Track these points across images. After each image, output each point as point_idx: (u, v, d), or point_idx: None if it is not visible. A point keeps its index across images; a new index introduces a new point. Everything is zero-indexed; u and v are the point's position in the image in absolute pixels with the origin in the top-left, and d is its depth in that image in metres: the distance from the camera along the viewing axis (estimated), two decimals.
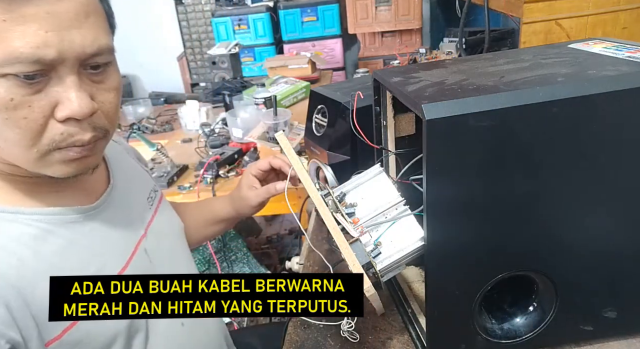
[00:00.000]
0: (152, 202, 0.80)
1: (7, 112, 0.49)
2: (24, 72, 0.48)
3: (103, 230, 0.66)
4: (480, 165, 0.51)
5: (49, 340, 0.56)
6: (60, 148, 0.54)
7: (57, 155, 0.54)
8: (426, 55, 2.27)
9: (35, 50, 0.48)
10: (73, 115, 0.52)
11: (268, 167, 0.90)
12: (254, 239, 2.38)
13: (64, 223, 0.61)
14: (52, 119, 0.52)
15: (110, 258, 0.65)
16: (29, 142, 0.52)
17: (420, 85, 0.57)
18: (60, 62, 0.50)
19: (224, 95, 2.18)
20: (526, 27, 1.44)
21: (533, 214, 0.54)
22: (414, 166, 0.62)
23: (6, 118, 0.50)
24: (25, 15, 0.47)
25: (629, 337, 0.64)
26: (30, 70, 0.48)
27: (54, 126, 0.52)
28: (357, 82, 1.12)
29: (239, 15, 3.27)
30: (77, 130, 0.53)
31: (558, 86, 0.51)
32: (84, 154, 0.56)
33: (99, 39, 0.53)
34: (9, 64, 0.47)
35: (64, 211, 0.61)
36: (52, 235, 0.59)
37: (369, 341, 0.69)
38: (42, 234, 0.58)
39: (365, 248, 0.57)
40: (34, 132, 0.51)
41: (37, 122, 0.51)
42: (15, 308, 0.53)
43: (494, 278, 0.57)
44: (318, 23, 3.31)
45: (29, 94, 0.50)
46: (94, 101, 0.54)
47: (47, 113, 0.51)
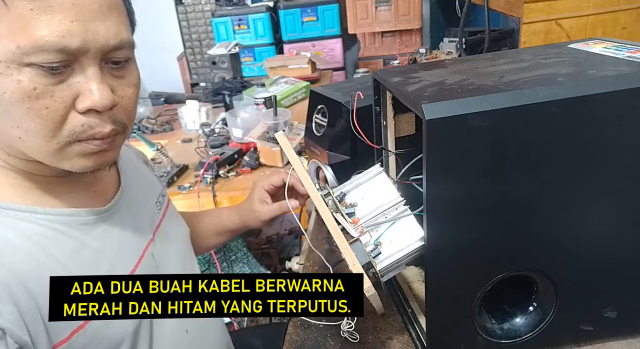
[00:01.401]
0: (160, 207, 0.80)
1: (29, 102, 0.50)
2: (49, 61, 0.49)
3: (114, 233, 0.66)
4: (480, 165, 0.51)
5: (57, 343, 0.56)
6: (81, 140, 0.54)
7: (76, 147, 0.54)
8: (426, 55, 2.27)
9: (61, 39, 0.48)
10: (94, 106, 0.52)
11: (281, 183, 0.89)
12: (254, 239, 2.38)
13: (77, 225, 0.61)
14: (73, 111, 0.52)
15: (120, 261, 0.65)
16: (50, 133, 0.52)
17: (420, 86, 0.57)
18: (84, 52, 0.51)
19: (224, 95, 2.18)
20: (526, 27, 1.44)
21: (533, 214, 0.54)
22: (414, 166, 0.62)
23: (28, 107, 0.50)
24: (52, 5, 0.48)
25: (629, 337, 0.64)
26: (55, 60, 0.49)
27: (74, 118, 0.53)
28: (357, 82, 1.12)
29: (239, 15, 3.27)
30: (98, 122, 0.54)
31: (558, 86, 0.51)
32: (103, 148, 0.56)
33: (122, 32, 0.54)
34: (34, 53, 0.48)
35: (77, 213, 0.61)
36: (64, 236, 0.59)
37: (369, 341, 0.69)
38: (55, 235, 0.58)
39: (365, 248, 0.57)
40: (55, 123, 0.52)
41: (58, 113, 0.51)
42: (25, 308, 0.53)
43: (494, 278, 0.57)
44: (318, 23, 3.31)
45: (51, 84, 0.50)
46: (114, 95, 0.55)
47: (68, 104, 0.52)
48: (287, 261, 1.90)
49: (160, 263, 0.73)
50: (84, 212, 0.62)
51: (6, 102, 0.50)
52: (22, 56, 0.48)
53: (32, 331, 0.53)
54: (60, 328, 0.56)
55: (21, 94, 0.49)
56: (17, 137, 0.53)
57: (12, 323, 0.51)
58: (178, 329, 0.73)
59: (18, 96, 0.49)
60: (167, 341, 0.71)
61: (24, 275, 0.53)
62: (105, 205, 0.66)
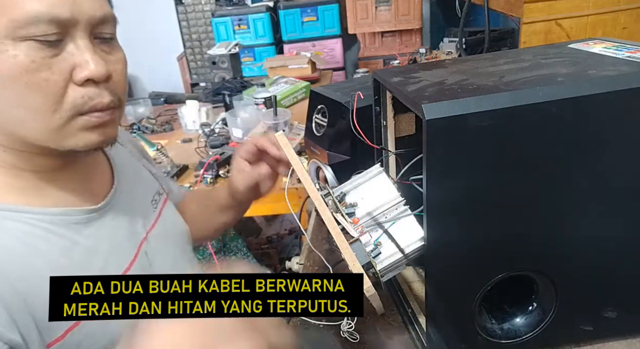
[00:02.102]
0: (155, 205, 0.79)
1: (27, 75, 0.51)
2: (43, 33, 0.51)
3: (106, 232, 0.65)
4: (480, 165, 0.51)
5: (50, 341, 0.55)
6: (82, 114, 0.56)
7: (79, 121, 0.56)
8: (426, 55, 2.28)
9: (51, 8, 0.51)
10: (91, 76, 0.54)
11: (254, 149, 0.85)
12: (254, 239, 2.38)
13: (68, 224, 0.61)
14: (72, 84, 0.54)
15: (113, 260, 0.65)
16: (52, 107, 0.54)
17: (420, 86, 0.57)
18: (74, 24, 0.53)
19: (224, 95, 2.18)
20: (526, 27, 1.44)
21: (533, 214, 0.54)
22: (414, 166, 0.62)
23: (26, 82, 0.52)
24: None
25: (629, 337, 0.64)
26: (48, 31, 0.51)
27: (74, 90, 0.54)
28: (357, 82, 1.12)
29: (239, 15, 3.27)
30: (97, 92, 0.56)
31: (558, 86, 0.51)
32: (105, 120, 0.58)
33: (104, 7, 0.57)
34: (27, 25, 0.50)
35: (68, 212, 0.61)
36: (55, 235, 0.59)
37: (369, 341, 0.69)
38: (45, 234, 0.58)
39: (365, 248, 0.57)
40: (56, 96, 0.53)
41: (57, 85, 0.53)
42: (14, 308, 0.52)
43: (494, 278, 0.57)
44: (318, 23, 3.31)
45: (48, 57, 0.52)
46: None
47: (66, 76, 0.54)
48: (287, 261, 1.90)
49: (154, 261, 0.72)
50: (75, 212, 0.62)
51: (5, 79, 0.51)
52: (15, 30, 0.50)
53: (23, 331, 0.53)
54: (54, 326, 0.55)
55: (19, 69, 0.51)
56: (19, 118, 0.54)
57: (1, 325, 0.51)
58: None
59: (16, 71, 0.51)
60: None
61: (11, 275, 0.53)
62: (98, 203, 0.65)
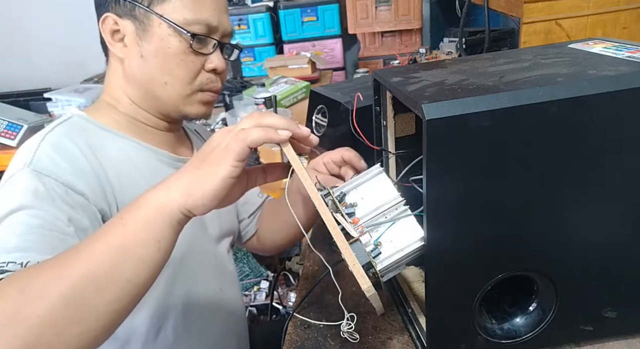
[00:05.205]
0: None
1: (183, 55, 0.77)
2: (200, 32, 0.76)
3: None
4: (480, 165, 0.51)
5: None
6: (203, 90, 0.81)
7: (199, 95, 0.81)
8: (426, 55, 2.27)
9: (209, 17, 0.77)
10: (216, 67, 0.80)
11: (340, 159, 0.82)
12: None
13: (162, 161, 0.82)
14: (202, 70, 0.80)
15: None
16: (189, 80, 0.79)
17: (420, 86, 0.57)
18: (215, 31, 0.78)
19: (224, 95, 2.18)
20: (526, 27, 1.44)
21: (533, 214, 0.54)
22: (414, 167, 0.62)
23: (182, 59, 0.77)
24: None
25: (629, 337, 0.64)
26: (202, 32, 0.77)
27: (203, 75, 0.80)
28: (357, 82, 1.13)
29: (239, 15, 3.26)
30: (215, 79, 0.81)
31: (558, 86, 0.51)
32: (214, 98, 0.83)
33: (231, 26, 0.83)
34: (193, 24, 0.75)
35: (164, 154, 0.83)
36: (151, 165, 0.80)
37: (369, 341, 0.69)
38: (145, 160, 0.80)
39: (365, 248, 0.57)
40: (193, 73, 0.79)
41: (196, 66, 0.79)
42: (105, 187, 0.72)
43: (494, 278, 0.57)
44: (318, 23, 3.30)
45: (197, 48, 0.77)
46: None
47: (202, 62, 0.79)
48: (287, 261, 1.89)
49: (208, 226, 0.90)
50: (163, 155, 0.83)
51: (169, 54, 0.76)
52: (185, 25, 0.75)
53: (111, 203, 0.72)
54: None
55: (179, 50, 0.76)
56: (164, 82, 0.78)
57: (93, 192, 0.70)
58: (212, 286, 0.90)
59: (177, 50, 0.76)
60: (202, 289, 0.86)
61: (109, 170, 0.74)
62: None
